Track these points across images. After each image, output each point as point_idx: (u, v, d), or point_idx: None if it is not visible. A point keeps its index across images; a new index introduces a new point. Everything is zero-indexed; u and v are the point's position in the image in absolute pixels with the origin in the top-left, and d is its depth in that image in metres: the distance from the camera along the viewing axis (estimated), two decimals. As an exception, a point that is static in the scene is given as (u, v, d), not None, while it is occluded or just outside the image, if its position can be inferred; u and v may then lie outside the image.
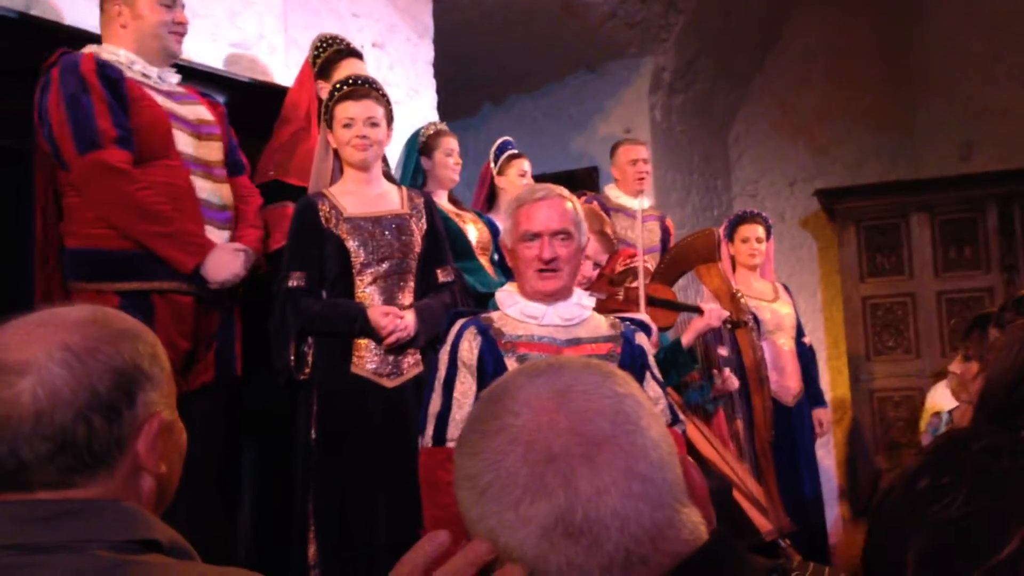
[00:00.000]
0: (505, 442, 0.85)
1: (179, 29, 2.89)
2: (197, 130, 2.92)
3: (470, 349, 2.46)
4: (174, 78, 2.96)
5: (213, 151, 2.96)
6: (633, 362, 2.57)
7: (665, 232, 5.02)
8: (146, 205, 2.68)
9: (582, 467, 0.82)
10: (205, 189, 2.88)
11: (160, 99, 2.83)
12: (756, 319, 4.64)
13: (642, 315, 3.27)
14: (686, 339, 3.48)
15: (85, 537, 1.02)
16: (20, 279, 2.79)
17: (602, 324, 2.62)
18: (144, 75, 2.84)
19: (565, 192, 2.61)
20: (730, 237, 4.86)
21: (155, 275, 2.72)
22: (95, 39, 2.92)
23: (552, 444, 0.83)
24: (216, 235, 2.87)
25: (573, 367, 0.89)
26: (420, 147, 3.85)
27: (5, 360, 1.06)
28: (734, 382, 3.84)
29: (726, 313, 3.58)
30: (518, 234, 2.52)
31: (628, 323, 2.71)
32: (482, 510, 0.85)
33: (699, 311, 3.56)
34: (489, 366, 2.43)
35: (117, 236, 2.70)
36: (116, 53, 2.82)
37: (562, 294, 2.56)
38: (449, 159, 3.85)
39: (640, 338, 2.66)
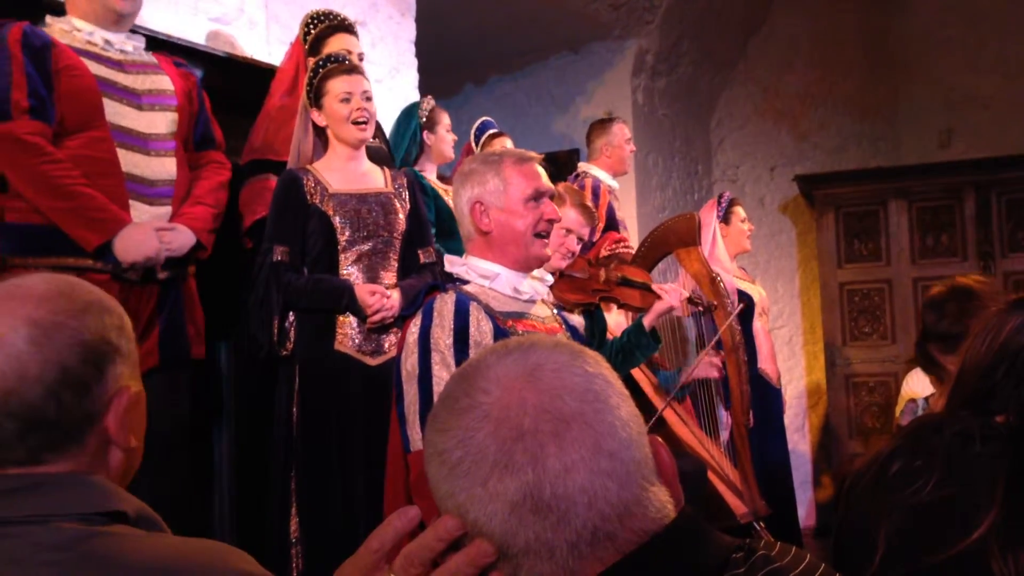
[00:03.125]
0: (475, 419, 0.85)
1: None
2: (139, 100, 2.79)
3: (488, 332, 2.23)
4: (130, 45, 2.84)
5: (158, 123, 2.81)
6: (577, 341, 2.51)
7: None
8: (52, 179, 2.56)
9: (551, 444, 0.82)
10: (137, 163, 2.74)
11: (99, 67, 2.72)
12: (751, 300, 4.70)
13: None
14: (648, 321, 3.46)
15: (49, 511, 1.01)
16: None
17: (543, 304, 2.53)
18: (90, 43, 2.74)
19: None
20: (727, 219, 4.90)
21: (70, 252, 2.60)
22: (45, 6, 2.86)
23: (521, 421, 0.83)
24: (145, 212, 2.73)
25: (543, 346, 0.89)
26: (424, 122, 3.85)
27: None
28: (708, 369, 3.83)
29: (687, 293, 3.57)
30: (523, 194, 2.31)
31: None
32: (451, 486, 0.85)
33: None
34: None
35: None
36: (69, 22, 2.76)
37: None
38: (448, 135, 3.90)
39: (571, 317, 2.62)
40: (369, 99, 3.07)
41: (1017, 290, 5.73)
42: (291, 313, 2.98)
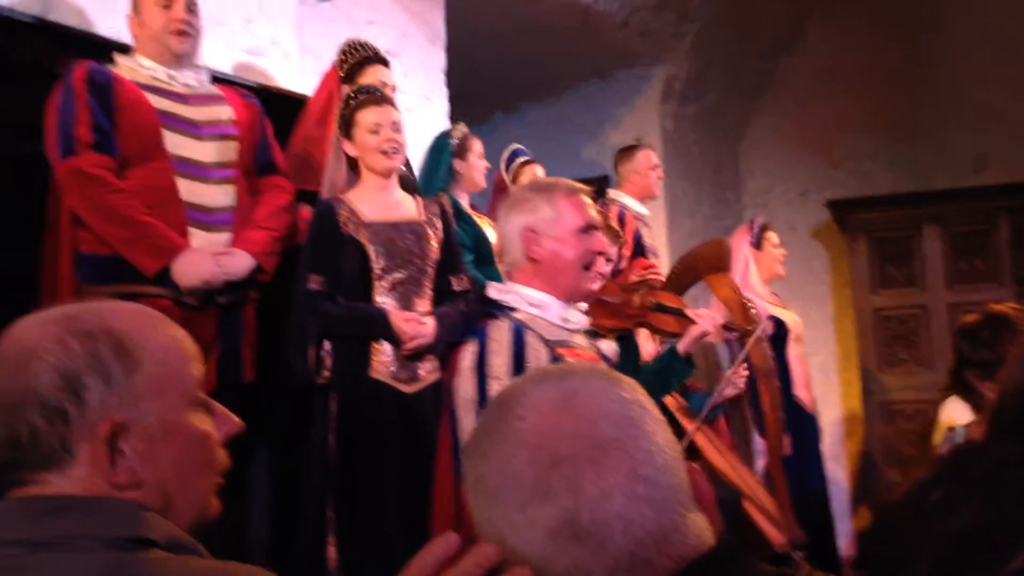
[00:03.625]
0: (512, 446, 0.85)
1: (177, 27, 2.85)
2: (198, 131, 2.88)
3: (545, 359, 2.20)
4: (194, 78, 2.94)
5: (214, 152, 2.89)
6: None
7: None
8: (114, 209, 2.68)
9: (588, 470, 0.82)
10: (196, 191, 2.84)
11: (160, 100, 2.83)
12: (784, 326, 4.67)
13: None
14: (682, 346, 3.44)
15: (77, 533, 1.01)
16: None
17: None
18: (154, 78, 2.86)
19: None
20: (759, 244, 4.88)
21: (136, 279, 2.70)
22: (113, 45, 2.96)
23: (558, 447, 0.83)
24: (204, 238, 2.81)
25: (580, 373, 0.89)
26: (455, 150, 3.87)
27: None
28: (732, 389, 3.79)
29: (721, 319, 3.54)
30: (575, 225, 2.29)
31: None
32: (490, 513, 0.85)
33: None
34: None
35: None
36: (135, 59, 2.88)
37: None
38: (480, 162, 3.90)
39: (601, 344, 2.60)
40: (398, 129, 3.11)
41: (1055, 315, 5.64)
42: (326, 341, 2.99)
